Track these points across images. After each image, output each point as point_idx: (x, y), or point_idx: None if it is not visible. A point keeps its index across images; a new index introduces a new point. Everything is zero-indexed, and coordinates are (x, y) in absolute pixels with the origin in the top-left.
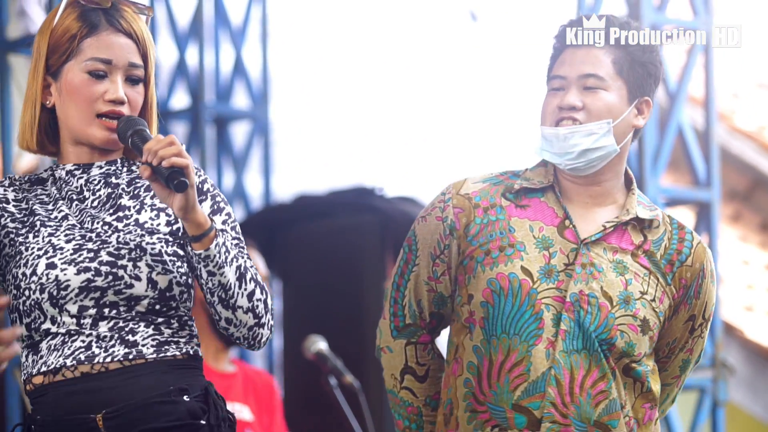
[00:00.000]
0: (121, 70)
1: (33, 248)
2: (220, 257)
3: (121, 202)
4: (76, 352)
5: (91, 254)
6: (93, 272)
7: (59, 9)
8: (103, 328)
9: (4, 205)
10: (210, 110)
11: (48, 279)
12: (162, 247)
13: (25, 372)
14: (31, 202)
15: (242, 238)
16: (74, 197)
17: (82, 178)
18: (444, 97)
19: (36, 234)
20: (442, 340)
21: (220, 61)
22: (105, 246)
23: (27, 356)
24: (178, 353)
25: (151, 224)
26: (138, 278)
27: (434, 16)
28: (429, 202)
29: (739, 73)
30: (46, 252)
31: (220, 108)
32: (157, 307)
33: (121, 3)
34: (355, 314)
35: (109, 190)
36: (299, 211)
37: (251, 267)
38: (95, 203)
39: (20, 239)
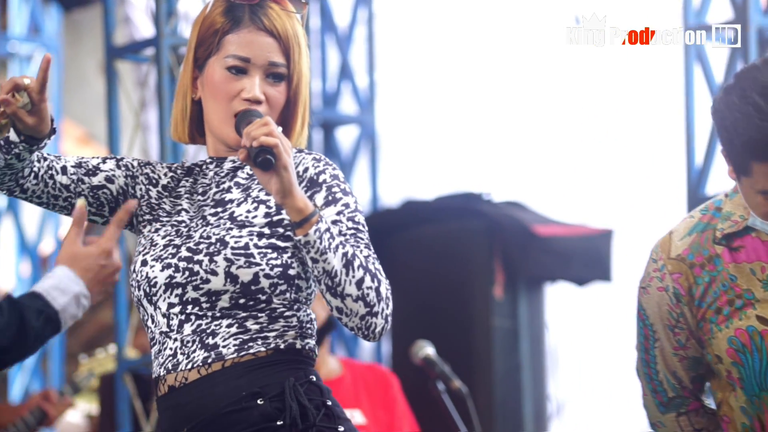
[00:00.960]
0: (260, 69)
1: (140, 243)
2: (321, 243)
3: (226, 197)
4: (166, 361)
5: (174, 250)
6: (173, 268)
7: (210, 1)
8: (187, 330)
9: (150, 188)
10: (317, 115)
11: (141, 276)
12: (250, 240)
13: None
14: (172, 194)
15: (362, 229)
16: (199, 191)
17: (213, 171)
18: (551, 101)
19: (150, 228)
20: None
21: (326, 66)
22: (187, 241)
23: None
24: (262, 349)
25: (246, 217)
26: (214, 273)
27: (540, 19)
28: (644, 270)
29: None
30: (144, 248)
31: (327, 113)
32: (242, 301)
33: (270, 0)
34: (463, 319)
35: (228, 185)
36: (406, 216)
37: (365, 255)
38: (210, 197)
39: (144, 230)
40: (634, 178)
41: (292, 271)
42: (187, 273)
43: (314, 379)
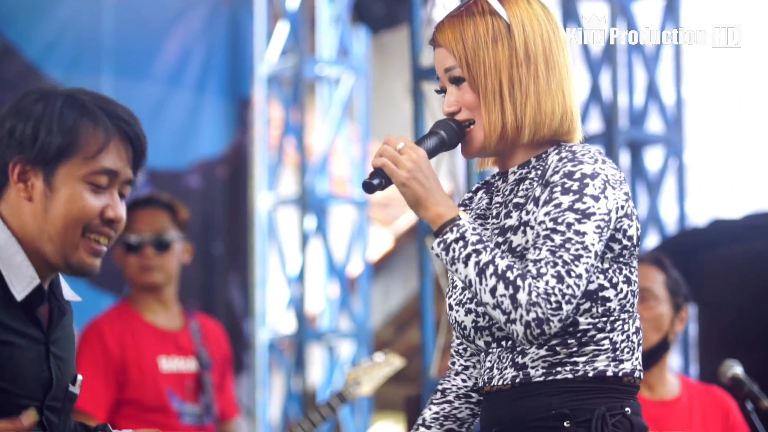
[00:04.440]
0: (446, 79)
1: (448, 285)
2: (449, 254)
3: (506, 223)
4: (484, 374)
5: (471, 294)
6: (474, 314)
7: None
8: (501, 349)
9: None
10: (624, 135)
11: (452, 320)
12: None
13: None
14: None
15: (561, 230)
16: (494, 212)
17: (498, 189)
18: None
19: None
20: None
21: (633, 86)
22: None
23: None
24: (570, 376)
25: (524, 246)
26: None
27: None
28: None
29: None
30: (448, 291)
31: (634, 132)
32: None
33: (445, 18)
34: None
35: (508, 208)
36: (714, 235)
37: (507, 263)
38: (496, 223)
39: None
40: None
41: (591, 286)
42: (487, 317)
43: (629, 411)
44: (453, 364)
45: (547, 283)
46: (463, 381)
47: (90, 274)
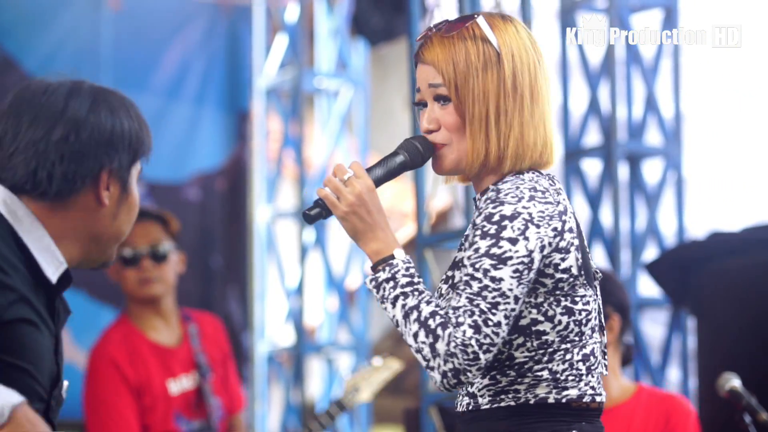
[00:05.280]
0: (428, 95)
1: None
2: (379, 292)
3: (457, 256)
4: (456, 401)
5: None
6: None
7: None
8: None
9: None
10: (622, 148)
11: None
12: None
13: None
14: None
15: (478, 276)
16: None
17: (475, 211)
18: None
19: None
20: None
21: (632, 99)
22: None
23: None
24: (513, 403)
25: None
26: None
27: None
28: None
29: None
30: None
31: (633, 145)
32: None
33: (433, 33)
34: None
35: (467, 238)
36: (713, 248)
37: (431, 310)
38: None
39: None
40: None
41: (523, 321)
42: None
43: None
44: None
45: (464, 333)
46: None
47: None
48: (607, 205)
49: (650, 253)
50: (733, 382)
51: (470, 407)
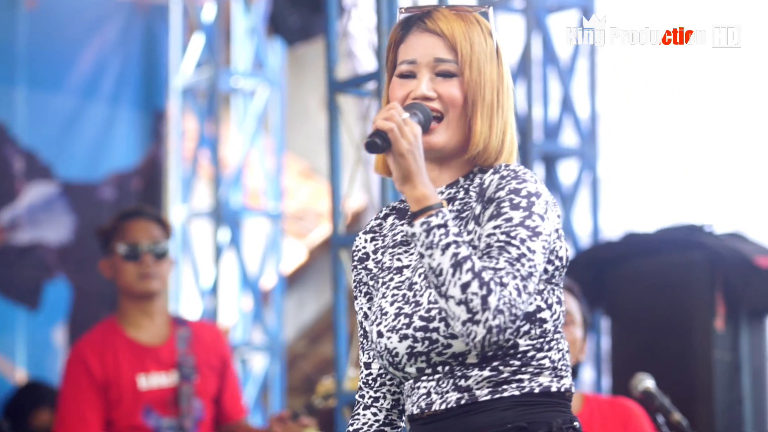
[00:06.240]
0: (427, 68)
1: (372, 312)
2: (428, 237)
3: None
4: (419, 400)
5: (407, 320)
6: (411, 339)
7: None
8: (440, 374)
9: (366, 263)
10: (538, 148)
11: (381, 347)
12: None
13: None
14: (388, 248)
15: (515, 244)
16: (411, 241)
17: (465, 195)
18: None
19: (377, 292)
20: None
21: (548, 98)
22: (417, 309)
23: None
24: (517, 393)
25: None
26: (453, 336)
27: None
28: None
29: None
30: (376, 318)
31: (548, 146)
32: (490, 353)
33: (441, 8)
34: (684, 352)
35: None
36: (627, 248)
37: (484, 264)
38: None
39: (375, 299)
40: None
41: (530, 308)
42: (426, 342)
43: (577, 425)
44: (362, 397)
45: (510, 293)
46: (374, 415)
47: None
48: None
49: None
50: (647, 382)
51: (463, 402)
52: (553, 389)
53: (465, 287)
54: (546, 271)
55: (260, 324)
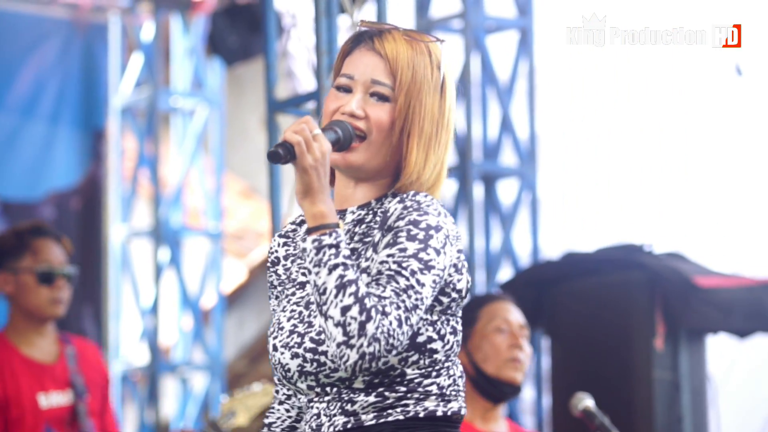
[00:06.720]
0: (362, 86)
1: (271, 324)
2: (317, 255)
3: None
4: (311, 420)
5: (300, 339)
6: (302, 358)
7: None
8: (329, 397)
9: (276, 267)
10: (478, 168)
11: (275, 360)
12: None
13: None
14: (295, 255)
15: (405, 275)
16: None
17: (371, 219)
18: (710, 153)
19: (280, 304)
20: None
21: (487, 119)
22: (309, 330)
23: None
24: (401, 417)
25: None
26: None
27: (698, 71)
28: None
29: None
30: (273, 331)
31: (488, 166)
32: (376, 380)
33: (394, 30)
34: (624, 371)
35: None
36: (567, 268)
37: (369, 291)
38: None
39: (277, 309)
40: None
41: (420, 338)
42: (315, 363)
43: None
44: (277, 392)
45: (390, 323)
46: (287, 411)
47: None
48: (462, 225)
49: (505, 273)
50: (586, 401)
51: (349, 426)
52: (439, 413)
53: (345, 310)
54: (441, 302)
55: (201, 343)
